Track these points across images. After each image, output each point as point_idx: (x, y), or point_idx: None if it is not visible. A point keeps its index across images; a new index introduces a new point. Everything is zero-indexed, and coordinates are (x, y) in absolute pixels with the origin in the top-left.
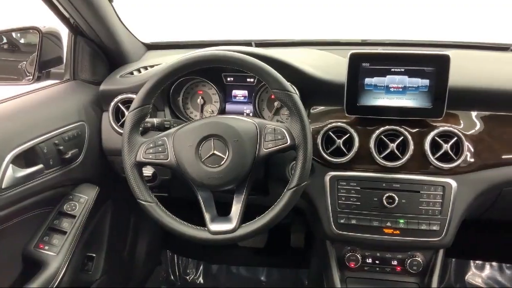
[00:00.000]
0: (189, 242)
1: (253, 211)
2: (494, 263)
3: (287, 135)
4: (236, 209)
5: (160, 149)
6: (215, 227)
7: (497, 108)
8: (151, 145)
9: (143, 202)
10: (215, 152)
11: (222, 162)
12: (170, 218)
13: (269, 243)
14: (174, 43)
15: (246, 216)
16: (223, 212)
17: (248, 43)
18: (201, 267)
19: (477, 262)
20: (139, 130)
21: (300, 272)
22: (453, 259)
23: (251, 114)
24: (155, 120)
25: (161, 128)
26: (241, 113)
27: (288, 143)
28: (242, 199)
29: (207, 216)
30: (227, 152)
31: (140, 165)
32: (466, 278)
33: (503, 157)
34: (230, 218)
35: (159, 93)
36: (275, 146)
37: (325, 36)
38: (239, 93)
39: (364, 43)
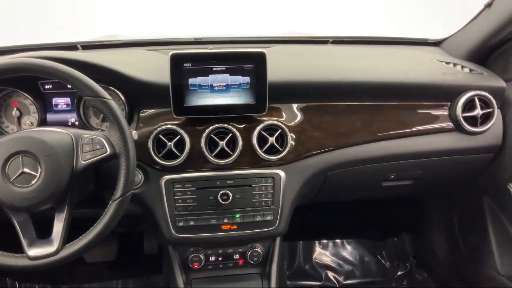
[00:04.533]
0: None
1: (91, 224)
2: (337, 240)
3: (106, 144)
4: (58, 229)
5: None
6: (34, 251)
7: (315, 99)
8: None
9: None
10: (25, 170)
11: (34, 181)
12: None
13: (121, 253)
14: None
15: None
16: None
17: (73, 46)
18: None
19: (322, 241)
20: None
21: (156, 278)
22: (300, 242)
23: (76, 123)
24: None
25: None
26: (65, 123)
27: (108, 152)
28: (64, 218)
29: (24, 241)
30: (39, 169)
31: None
32: (313, 258)
33: (324, 144)
34: (51, 240)
35: None
36: (95, 157)
37: (157, 36)
38: (61, 101)
39: (197, 42)
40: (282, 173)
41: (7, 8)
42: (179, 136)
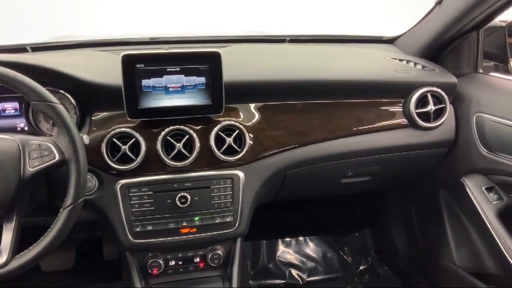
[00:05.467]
0: None
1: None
2: (300, 238)
3: (54, 150)
4: (7, 239)
5: None
6: None
7: (272, 99)
8: None
9: None
10: None
11: None
12: None
13: (78, 261)
14: None
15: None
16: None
17: (22, 48)
18: None
19: (286, 240)
20: None
21: (117, 285)
22: (264, 241)
23: (26, 129)
24: None
25: None
26: (13, 129)
27: (56, 159)
28: (13, 228)
29: None
30: None
31: None
32: (277, 256)
33: (282, 143)
34: (0, 251)
35: None
36: (43, 164)
37: (112, 36)
38: (9, 106)
39: (152, 42)
40: (241, 174)
41: None
42: (134, 139)
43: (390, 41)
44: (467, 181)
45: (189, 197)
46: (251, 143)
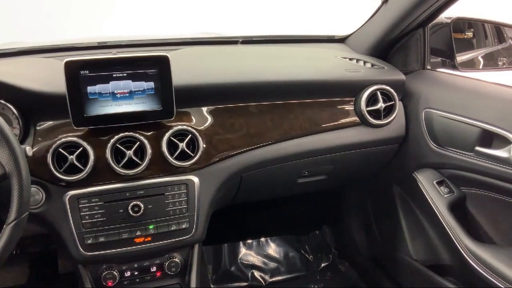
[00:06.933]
0: None
1: None
2: (262, 239)
3: None
4: None
5: None
6: None
7: (225, 101)
8: None
9: None
10: None
11: None
12: None
13: (32, 275)
14: None
15: None
16: None
17: None
18: None
19: (247, 242)
20: None
21: None
22: (226, 244)
23: None
24: None
25: None
26: None
27: None
28: None
29: None
30: None
31: None
32: (239, 259)
33: (236, 146)
34: None
35: None
36: None
37: (58, 41)
38: None
39: (101, 46)
40: (195, 179)
41: None
42: (81, 149)
43: (342, 40)
44: (418, 175)
45: (142, 205)
46: (205, 146)
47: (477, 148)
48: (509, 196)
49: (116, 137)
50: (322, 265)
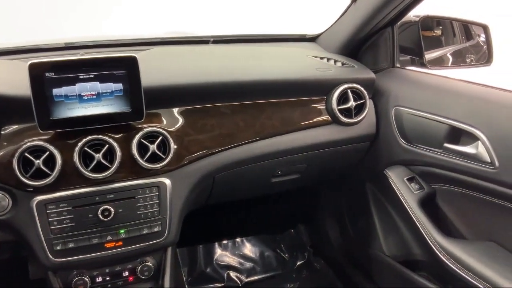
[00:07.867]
0: None
1: None
2: (238, 239)
3: None
4: None
5: None
6: None
7: (196, 102)
8: None
9: None
10: None
11: None
12: None
13: (3, 283)
14: None
15: None
16: None
17: None
18: None
19: (223, 242)
20: None
21: None
22: (201, 246)
23: None
24: None
25: None
26: None
27: None
28: None
29: None
30: None
31: None
32: (214, 260)
33: (208, 146)
34: None
35: None
36: None
37: (23, 42)
38: None
39: (68, 47)
40: (167, 181)
41: None
42: (48, 153)
43: (313, 39)
44: (389, 172)
45: (112, 209)
46: (176, 148)
47: (446, 144)
48: (477, 192)
49: (84, 140)
50: (298, 263)
